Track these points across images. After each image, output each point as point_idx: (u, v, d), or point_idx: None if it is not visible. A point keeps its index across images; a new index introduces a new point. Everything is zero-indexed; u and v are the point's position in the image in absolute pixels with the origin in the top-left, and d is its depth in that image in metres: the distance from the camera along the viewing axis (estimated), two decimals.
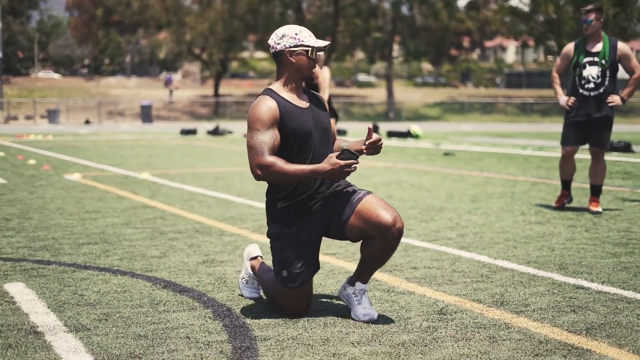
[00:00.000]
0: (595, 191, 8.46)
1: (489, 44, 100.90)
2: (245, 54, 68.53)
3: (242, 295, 4.76)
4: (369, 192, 4.24)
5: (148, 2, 52.19)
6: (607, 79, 8.30)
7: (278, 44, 4.21)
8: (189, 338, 3.88)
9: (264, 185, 10.88)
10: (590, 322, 4.16)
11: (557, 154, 18.47)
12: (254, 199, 9.46)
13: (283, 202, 4.23)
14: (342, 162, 3.96)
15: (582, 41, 8.50)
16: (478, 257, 5.92)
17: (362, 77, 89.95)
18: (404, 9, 61.30)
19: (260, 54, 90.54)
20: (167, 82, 57.17)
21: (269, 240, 4.36)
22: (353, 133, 31.84)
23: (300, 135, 4.16)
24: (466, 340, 3.86)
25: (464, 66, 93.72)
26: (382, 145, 4.21)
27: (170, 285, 5.03)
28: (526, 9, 59.44)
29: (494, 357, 3.60)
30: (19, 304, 4.53)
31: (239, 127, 36.88)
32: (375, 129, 5.99)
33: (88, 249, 6.21)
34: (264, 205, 8.69)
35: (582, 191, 9.97)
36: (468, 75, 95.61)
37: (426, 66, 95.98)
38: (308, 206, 4.20)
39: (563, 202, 8.65)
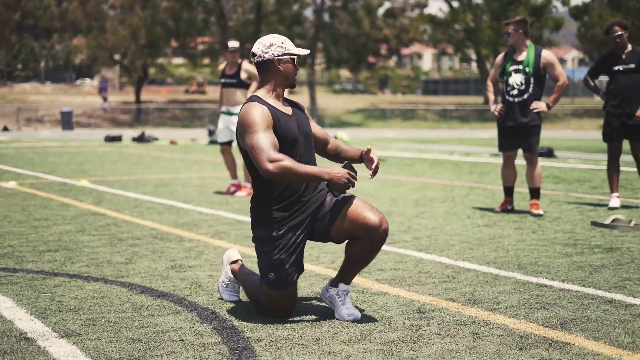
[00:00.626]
0: (534, 194, 8.79)
1: (405, 51, 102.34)
2: (162, 60, 67.86)
3: (221, 299, 4.84)
4: (353, 195, 4.38)
5: (68, 7, 51.34)
6: (531, 86, 8.66)
7: (266, 52, 4.32)
8: (183, 341, 3.95)
9: (208, 192, 10.93)
10: (562, 318, 4.38)
11: (485, 159, 18.97)
12: (202, 205, 9.50)
13: (270, 206, 4.33)
14: (348, 171, 4.18)
15: (511, 50, 8.86)
16: (439, 259, 6.12)
17: None
18: (326, 16, 61.71)
19: (178, 60, 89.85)
20: (102, 89, 56.36)
21: (254, 244, 4.45)
22: None
23: (289, 140, 4.28)
24: (451, 336, 4.03)
25: (381, 73, 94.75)
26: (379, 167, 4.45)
27: (146, 290, 5.07)
28: (444, 16, 60.61)
29: (481, 351, 3.77)
30: None
31: (164, 134, 36.60)
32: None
33: (51, 257, 6.18)
34: (213, 212, 8.77)
35: (519, 195, 10.30)
36: (386, 82, 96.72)
37: (344, 73, 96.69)
38: (295, 209, 4.32)
39: (506, 208, 8.94)
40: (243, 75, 10.66)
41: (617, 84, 9.34)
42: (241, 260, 4.88)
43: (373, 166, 4.42)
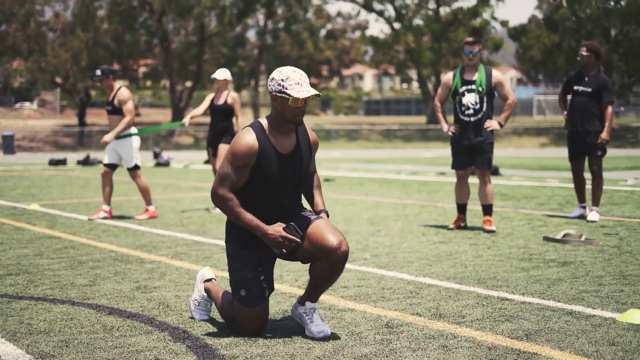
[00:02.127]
0: (487, 210, 8.99)
1: (346, 72, 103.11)
2: None
3: (192, 318, 4.88)
4: (319, 217, 4.46)
5: (8, 30, 50.64)
6: (485, 104, 8.90)
7: (269, 85, 4.35)
8: None
9: (161, 214, 10.91)
10: (527, 329, 4.53)
11: (432, 178, 19.22)
12: (158, 227, 9.50)
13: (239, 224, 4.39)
14: (284, 234, 4.25)
15: (460, 70, 9.07)
16: (400, 275, 6.23)
17: None
18: (268, 39, 61.91)
19: (119, 83, 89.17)
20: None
21: (227, 259, 4.51)
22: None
23: (270, 181, 4.34)
24: (422, 349, 4.13)
25: (323, 94, 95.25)
26: None
27: (115, 311, 5.08)
28: (385, 38, 61.29)
29: None
30: None
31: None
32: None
33: (12, 280, 6.15)
34: (170, 233, 8.78)
35: (470, 213, 10.49)
36: (328, 103, 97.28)
37: None
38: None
39: (459, 225, 9.12)
40: (116, 102, 10.60)
41: (574, 104, 9.90)
42: (215, 279, 4.93)
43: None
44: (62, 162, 29.08)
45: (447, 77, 9.18)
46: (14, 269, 6.67)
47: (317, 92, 4.25)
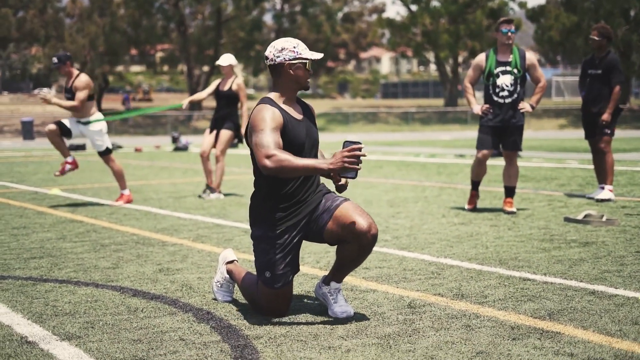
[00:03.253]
0: (510, 192, 8.97)
1: (363, 55, 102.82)
2: (120, 68, 67.50)
3: (215, 299, 4.92)
4: (346, 199, 4.47)
5: (26, 16, 50.85)
6: (519, 86, 8.83)
7: (277, 57, 4.39)
8: (184, 340, 4.02)
9: (182, 198, 10.98)
10: (549, 309, 4.53)
11: (451, 160, 19.18)
12: (179, 210, 9.54)
13: (269, 205, 4.41)
14: (345, 152, 4.02)
15: (493, 51, 8.99)
16: (421, 257, 6.24)
17: None
18: (285, 22, 61.79)
19: (136, 68, 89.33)
20: (125, 101, 55.78)
21: (252, 241, 4.53)
22: (242, 145, 31.93)
23: (295, 145, 4.35)
24: (445, 329, 4.15)
25: (340, 77, 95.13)
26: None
27: (138, 293, 5.12)
28: (403, 20, 61.01)
29: (476, 342, 3.90)
30: None
31: (127, 142, 36.45)
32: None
33: (37, 263, 6.20)
34: (191, 216, 8.83)
35: (489, 194, 10.48)
36: (345, 87, 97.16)
37: None
38: (292, 210, 4.40)
39: (475, 203, 9.11)
40: (74, 88, 10.31)
41: (588, 87, 10.06)
42: (237, 261, 4.96)
43: (340, 183, 4.43)
44: (82, 147, 29.21)
45: (480, 58, 9.06)
46: (38, 252, 6.73)
47: (322, 55, 4.48)
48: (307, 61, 4.41)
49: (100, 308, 4.73)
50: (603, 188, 9.96)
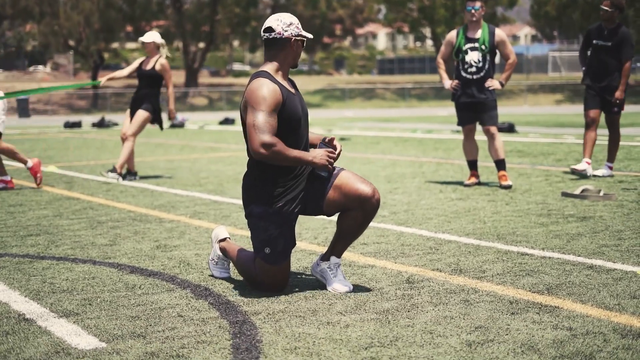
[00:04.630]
0: (500, 165, 8.95)
1: (360, 31, 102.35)
2: (116, 45, 67.18)
3: (212, 276, 4.91)
4: (342, 169, 4.46)
5: None
6: (487, 62, 8.86)
7: (286, 31, 4.36)
8: (182, 316, 4.01)
9: (178, 174, 10.96)
10: (548, 283, 4.52)
11: (447, 136, 19.17)
12: (175, 187, 9.52)
13: (268, 182, 4.39)
14: (326, 152, 4.29)
15: (463, 28, 9.04)
16: (419, 232, 6.23)
17: (237, 66, 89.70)
18: None
19: (131, 45, 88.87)
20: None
21: (247, 219, 4.50)
22: (239, 122, 31.89)
23: (295, 120, 4.34)
24: (443, 304, 4.14)
25: (337, 54, 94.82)
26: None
27: (136, 270, 5.11)
28: None
29: (475, 317, 3.89)
30: None
31: (123, 119, 36.27)
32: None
33: (33, 241, 6.19)
34: (187, 193, 8.81)
35: (486, 170, 10.47)
36: (342, 63, 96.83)
37: None
38: (290, 184, 4.39)
39: (473, 182, 9.10)
40: None
41: (593, 58, 9.70)
42: (229, 238, 4.94)
43: (336, 152, 4.46)
44: (77, 124, 29.14)
45: (451, 34, 9.18)
46: (35, 229, 6.71)
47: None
48: (306, 39, 4.46)
49: (97, 285, 4.72)
50: (611, 168, 9.78)
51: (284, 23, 4.39)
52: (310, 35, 4.46)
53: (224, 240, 4.90)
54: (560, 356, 3.30)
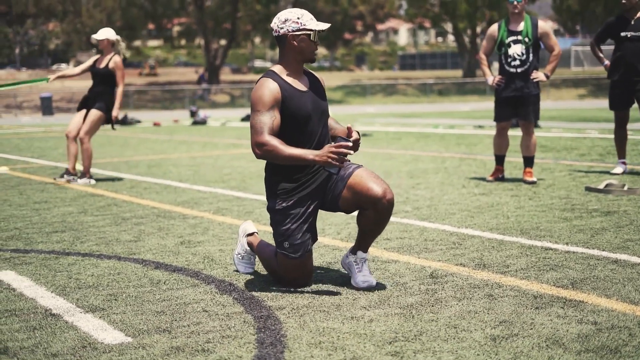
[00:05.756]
0: (528, 162, 8.91)
1: (381, 27, 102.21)
2: (137, 43, 67.51)
3: (237, 271, 4.93)
4: (359, 166, 4.46)
5: None
6: (532, 55, 8.76)
7: (281, 28, 4.37)
8: (207, 311, 4.04)
9: (201, 171, 11.01)
10: (572, 278, 4.51)
11: (470, 131, 19.11)
12: (198, 183, 9.56)
13: (279, 177, 4.41)
14: (332, 148, 4.09)
15: (505, 21, 8.93)
16: (442, 227, 6.23)
17: (258, 63, 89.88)
18: None
19: (153, 42, 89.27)
20: (201, 79, 56.24)
21: (268, 213, 4.53)
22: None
23: (300, 117, 4.34)
24: (468, 299, 4.14)
25: (358, 49, 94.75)
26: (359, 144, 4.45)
27: (161, 265, 5.15)
28: None
29: (499, 311, 3.89)
30: (19, 290, 4.58)
31: (146, 116, 36.53)
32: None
33: (59, 237, 6.24)
34: (210, 189, 8.84)
35: (509, 164, 10.43)
36: (363, 59, 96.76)
37: (320, 50, 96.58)
38: (303, 181, 4.40)
39: (497, 177, 9.07)
40: None
41: (624, 51, 9.31)
42: (257, 233, 4.96)
43: (352, 139, 4.40)
44: None
45: (492, 28, 9.03)
46: (60, 226, 6.77)
47: (329, 25, 4.44)
48: (312, 32, 4.36)
49: (123, 280, 4.75)
50: (624, 164, 9.48)
51: (279, 20, 4.37)
52: (317, 27, 4.34)
53: (251, 234, 4.93)
54: (585, 350, 3.29)
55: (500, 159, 9.12)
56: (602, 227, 6.00)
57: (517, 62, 8.77)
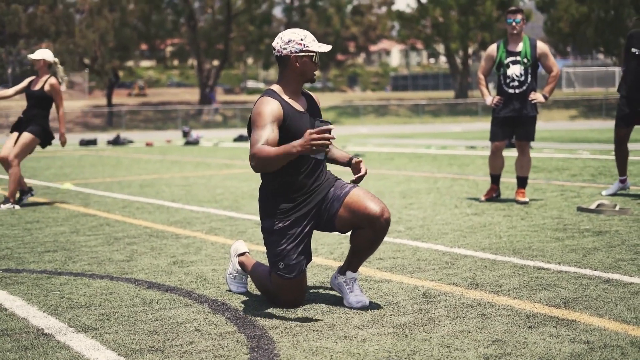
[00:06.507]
0: (522, 182, 8.94)
1: (373, 48, 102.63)
2: (130, 63, 67.63)
3: (230, 291, 4.93)
4: (355, 185, 4.48)
5: (36, 12, 50.95)
6: (530, 76, 8.78)
7: (284, 48, 4.36)
8: (200, 331, 4.03)
9: (193, 191, 11.01)
10: (564, 297, 4.52)
11: (462, 152, 19.16)
12: (191, 203, 9.56)
13: (276, 198, 4.41)
14: (314, 132, 3.97)
15: (504, 42, 8.95)
16: (435, 247, 6.24)
17: (250, 83, 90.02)
18: (295, 16, 61.73)
19: (146, 63, 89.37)
20: (211, 99, 56.27)
21: (262, 234, 4.53)
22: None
23: (298, 137, 4.34)
24: (460, 318, 4.14)
25: (350, 70, 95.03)
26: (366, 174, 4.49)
27: (153, 285, 5.14)
28: (412, 12, 60.87)
29: (492, 331, 3.89)
30: (11, 309, 4.56)
31: (138, 137, 36.53)
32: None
33: (51, 257, 6.23)
34: (203, 209, 8.84)
35: (501, 185, 10.45)
36: (355, 80, 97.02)
37: None
38: (300, 201, 4.40)
39: (492, 196, 9.09)
40: None
41: (631, 68, 9.22)
42: (248, 253, 4.96)
43: (360, 174, 4.48)
44: (93, 142, 29.30)
45: (491, 49, 9.03)
46: (52, 245, 6.76)
47: (330, 47, 4.43)
48: (314, 54, 4.38)
49: (115, 300, 4.74)
50: (625, 181, 9.38)
51: (282, 41, 4.38)
52: (320, 49, 4.34)
53: (242, 254, 4.93)
54: None
55: (495, 179, 9.14)
56: (594, 247, 6.02)
57: (516, 83, 8.78)
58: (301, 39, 4.37)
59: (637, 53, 9.13)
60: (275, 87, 4.46)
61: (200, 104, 56.58)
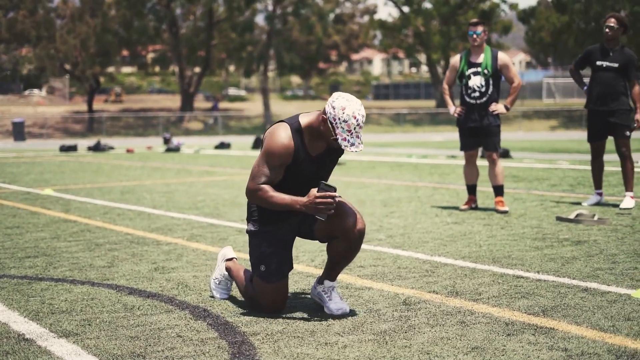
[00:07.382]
0: (498, 191, 9.01)
1: (355, 56, 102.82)
2: (111, 69, 67.41)
3: (212, 297, 4.94)
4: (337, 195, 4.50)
5: (16, 17, 50.73)
6: (491, 87, 8.88)
7: (327, 105, 4.22)
8: (181, 337, 4.04)
9: (175, 198, 11.01)
10: (543, 306, 4.57)
11: (442, 161, 19.25)
12: (172, 210, 9.56)
13: (264, 207, 4.44)
14: (319, 195, 4.14)
15: (466, 53, 9.08)
16: (416, 255, 6.28)
17: (232, 90, 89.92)
18: (277, 23, 61.77)
19: (127, 69, 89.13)
20: (214, 107, 56.03)
21: (247, 236, 4.58)
22: (234, 146, 32.02)
23: (299, 179, 4.38)
24: (440, 325, 4.18)
25: (332, 79, 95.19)
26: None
27: (135, 291, 5.14)
28: (394, 22, 61.14)
29: (471, 338, 3.93)
30: None
31: (119, 143, 36.42)
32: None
33: (31, 262, 6.21)
34: (184, 216, 8.85)
35: (482, 194, 10.53)
36: (337, 88, 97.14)
37: (295, 79, 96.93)
38: (286, 212, 4.43)
39: (470, 206, 9.15)
40: None
41: (597, 81, 9.19)
42: (236, 259, 4.99)
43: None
44: (73, 148, 29.19)
45: (455, 59, 9.19)
46: (32, 251, 6.74)
47: (359, 150, 4.21)
48: (335, 140, 4.20)
49: (96, 306, 4.75)
50: (601, 195, 9.39)
51: (335, 103, 4.18)
52: (340, 142, 4.16)
53: (230, 260, 4.95)
54: None
55: (471, 189, 9.21)
56: (573, 256, 6.08)
57: (477, 94, 8.89)
58: (339, 119, 4.15)
59: (604, 65, 9.11)
60: (303, 119, 4.36)
61: (182, 111, 56.47)
